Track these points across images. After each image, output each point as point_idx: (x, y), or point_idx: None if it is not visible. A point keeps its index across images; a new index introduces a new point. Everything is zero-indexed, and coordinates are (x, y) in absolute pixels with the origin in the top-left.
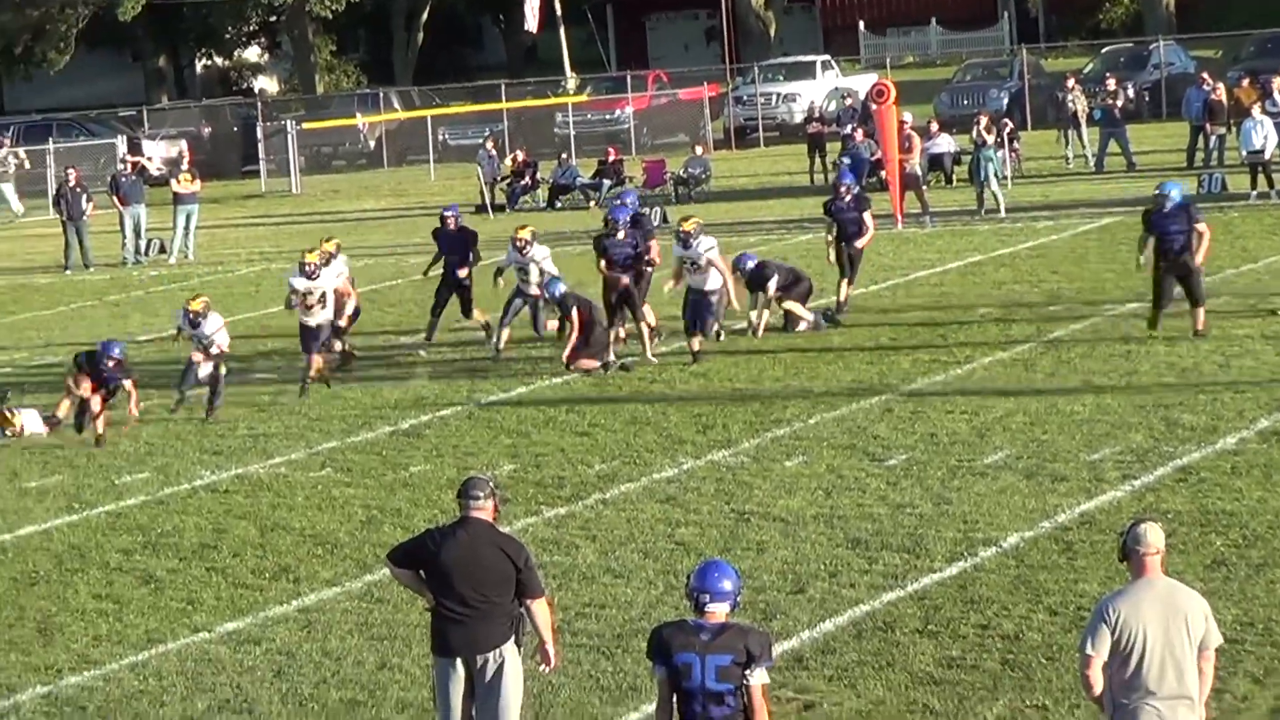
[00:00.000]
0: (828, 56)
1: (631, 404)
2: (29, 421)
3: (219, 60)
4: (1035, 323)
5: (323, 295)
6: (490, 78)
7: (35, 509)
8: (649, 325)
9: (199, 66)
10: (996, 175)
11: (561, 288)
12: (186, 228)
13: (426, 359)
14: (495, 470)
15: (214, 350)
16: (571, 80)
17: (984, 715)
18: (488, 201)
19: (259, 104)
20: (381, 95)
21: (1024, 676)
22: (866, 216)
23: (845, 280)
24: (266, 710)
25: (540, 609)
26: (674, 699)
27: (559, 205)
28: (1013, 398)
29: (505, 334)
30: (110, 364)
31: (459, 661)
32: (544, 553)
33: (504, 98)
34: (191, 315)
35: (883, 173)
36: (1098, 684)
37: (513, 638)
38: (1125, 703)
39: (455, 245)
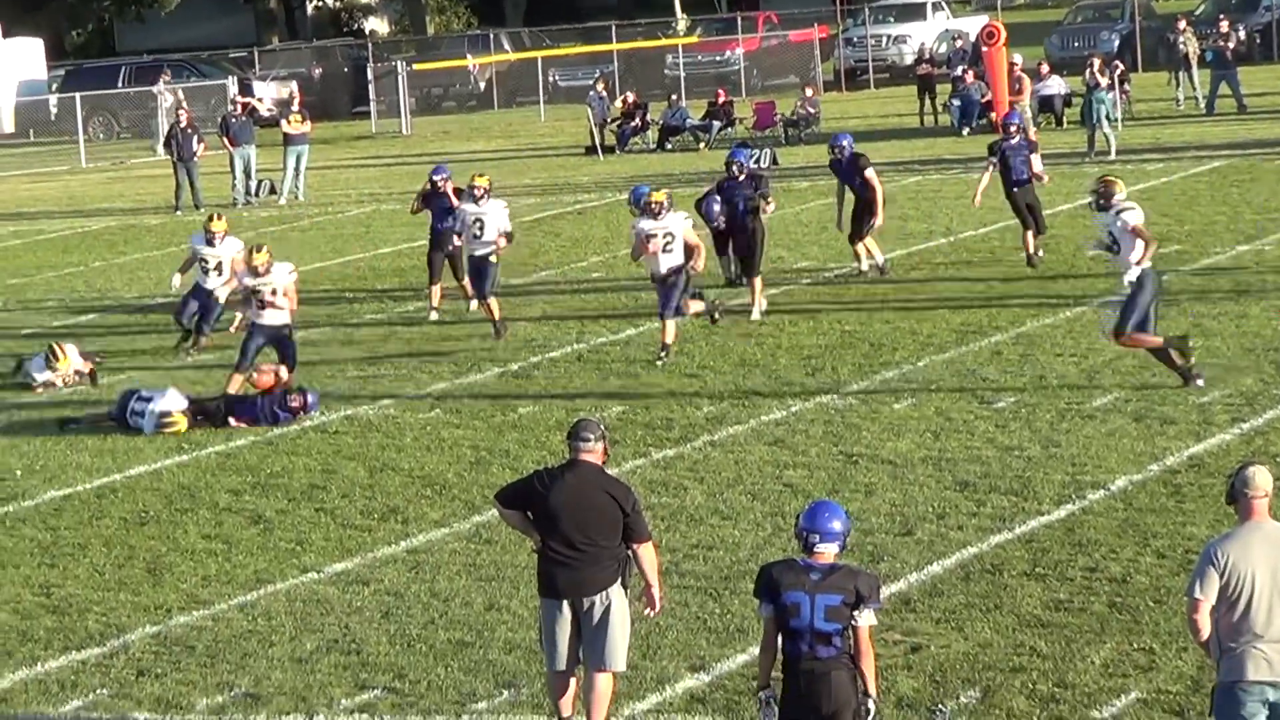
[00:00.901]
0: None
1: (740, 346)
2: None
3: (330, 1)
4: None
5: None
6: (601, 19)
7: (146, 449)
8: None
9: (310, 7)
10: (1109, 117)
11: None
12: (297, 169)
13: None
14: (604, 412)
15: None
16: (682, 22)
17: (1091, 658)
18: (598, 143)
19: (369, 45)
20: (492, 36)
21: (1131, 620)
22: (1036, 159)
23: (1030, 231)
24: (374, 651)
25: (647, 553)
26: (779, 638)
27: (669, 147)
28: None
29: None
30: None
31: (565, 603)
32: (652, 494)
33: (614, 39)
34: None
35: (992, 115)
36: (1205, 628)
37: (619, 580)
38: (1233, 646)
39: (448, 210)
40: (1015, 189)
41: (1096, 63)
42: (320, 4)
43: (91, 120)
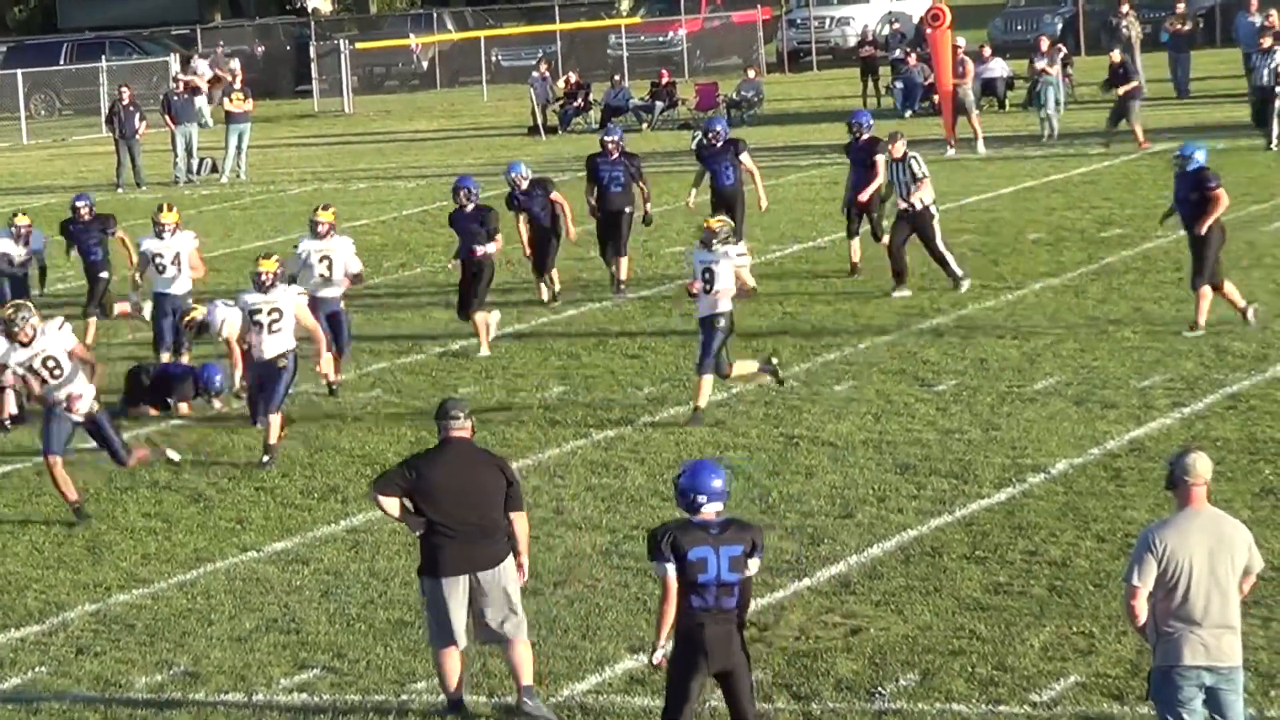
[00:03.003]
0: None
1: (681, 327)
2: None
3: None
4: (1086, 249)
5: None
6: None
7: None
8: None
9: None
10: (1057, 100)
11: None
12: (239, 147)
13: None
14: (544, 393)
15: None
16: (625, 2)
17: (1030, 641)
18: (540, 123)
19: (312, 23)
20: (435, 16)
21: (1071, 603)
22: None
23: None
24: (314, 630)
25: (522, 523)
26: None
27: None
28: (1063, 324)
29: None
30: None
31: (460, 580)
32: (593, 475)
33: (558, 19)
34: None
35: (935, 97)
36: (1142, 614)
37: (511, 552)
38: (1169, 631)
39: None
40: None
41: (1045, 44)
42: None
43: (33, 97)
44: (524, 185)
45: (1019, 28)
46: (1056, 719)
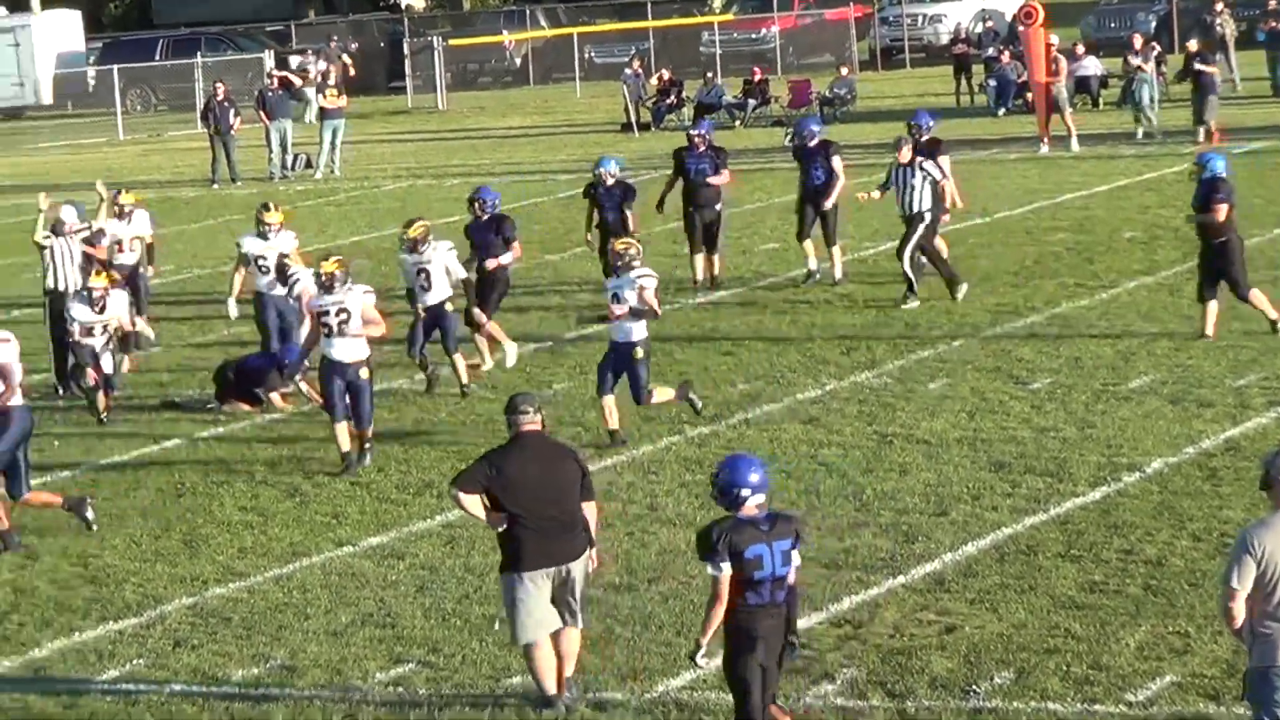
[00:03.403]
0: None
1: (775, 324)
2: None
3: None
4: (1181, 247)
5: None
6: None
7: (183, 421)
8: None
9: None
10: (1152, 98)
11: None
12: (333, 143)
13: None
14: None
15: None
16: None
17: (1126, 641)
18: (633, 120)
19: (406, 20)
20: (528, 12)
21: (1166, 602)
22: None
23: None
24: (409, 625)
25: (593, 511)
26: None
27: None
28: (1158, 322)
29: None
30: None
31: (547, 573)
32: (686, 472)
33: (650, 16)
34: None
35: (1029, 95)
36: (1240, 617)
37: (589, 544)
38: (1266, 632)
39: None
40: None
41: (1139, 42)
42: None
43: (129, 93)
44: (609, 182)
45: (1112, 25)
46: (1152, 719)
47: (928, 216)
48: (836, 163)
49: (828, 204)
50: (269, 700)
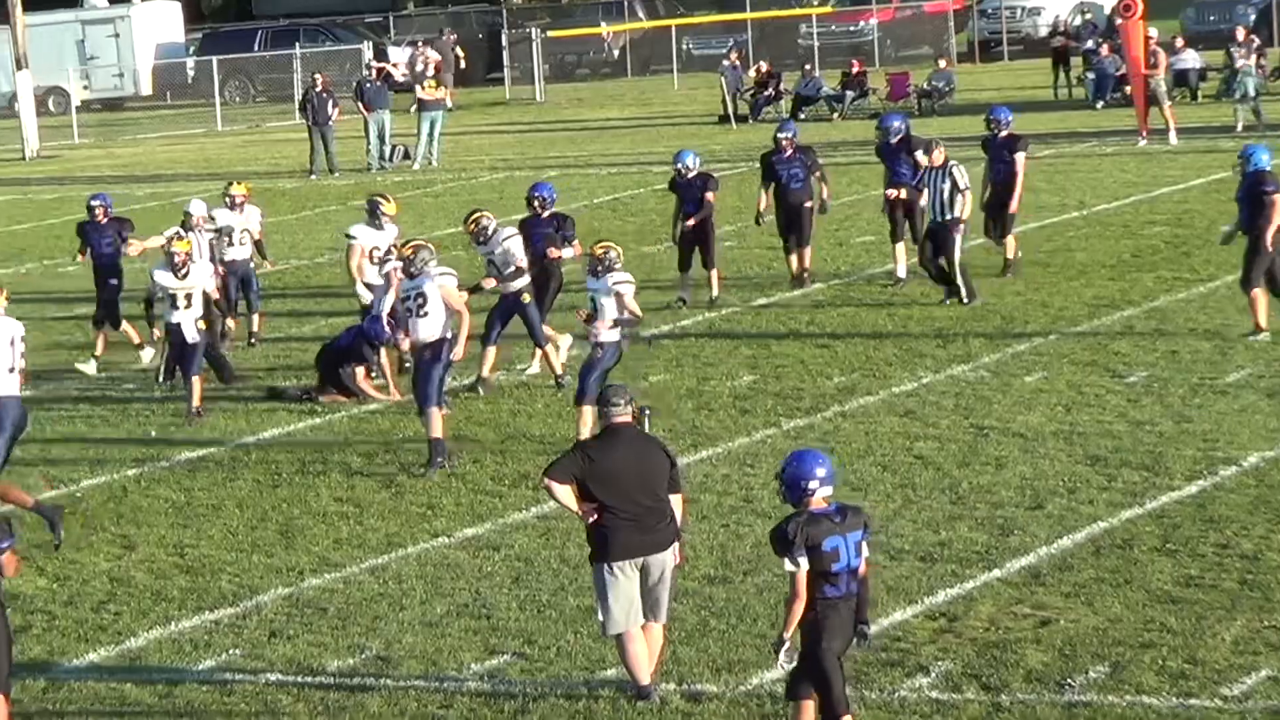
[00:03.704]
0: None
1: (872, 317)
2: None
3: None
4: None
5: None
6: None
7: (279, 411)
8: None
9: None
10: (1257, 91)
11: None
12: (431, 134)
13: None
14: (734, 381)
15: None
16: None
17: (1221, 635)
18: (731, 112)
19: (504, 11)
20: (627, 4)
21: (1263, 597)
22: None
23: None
24: (504, 616)
25: (680, 504)
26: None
27: (802, 116)
28: None
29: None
30: None
31: (635, 563)
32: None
33: (749, 8)
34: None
35: (1127, 88)
36: None
37: (677, 536)
38: None
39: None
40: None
41: (1241, 34)
42: None
43: (228, 84)
44: (688, 175)
45: (1211, 18)
46: (1248, 713)
47: (961, 223)
48: (921, 158)
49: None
50: (364, 691)
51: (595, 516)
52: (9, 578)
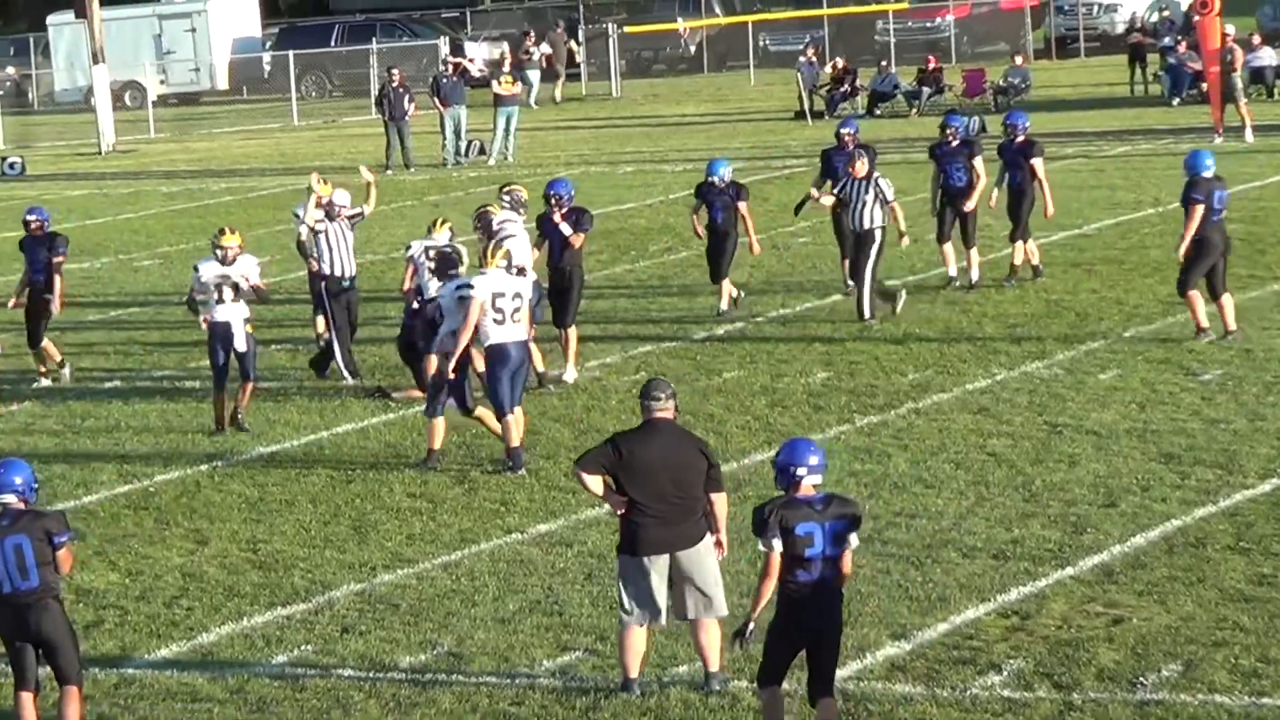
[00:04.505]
0: None
1: (946, 314)
2: None
3: None
4: None
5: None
6: None
7: (353, 407)
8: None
9: None
10: None
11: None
12: (507, 130)
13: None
14: (808, 378)
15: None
16: None
17: None
18: (807, 108)
19: (581, 7)
20: (703, 0)
21: None
22: (979, 163)
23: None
24: (577, 613)
25: (721, 503)
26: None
27: (878, 113)
28: None
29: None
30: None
31: (660, 559)
32: (855, 461)
33: (825, 4)
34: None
35: (1204, 85)
36: None
37: (709, 529)
38: None
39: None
40: (951, 198)
41: None
42: None
43: (304, 78)
44: (719, 186)
45: None
46: None
47: (879, 235)
48: (978, 163)
49: (968, 206)
50: (436, 686)
51: (624, 510)
52: (65, 575)
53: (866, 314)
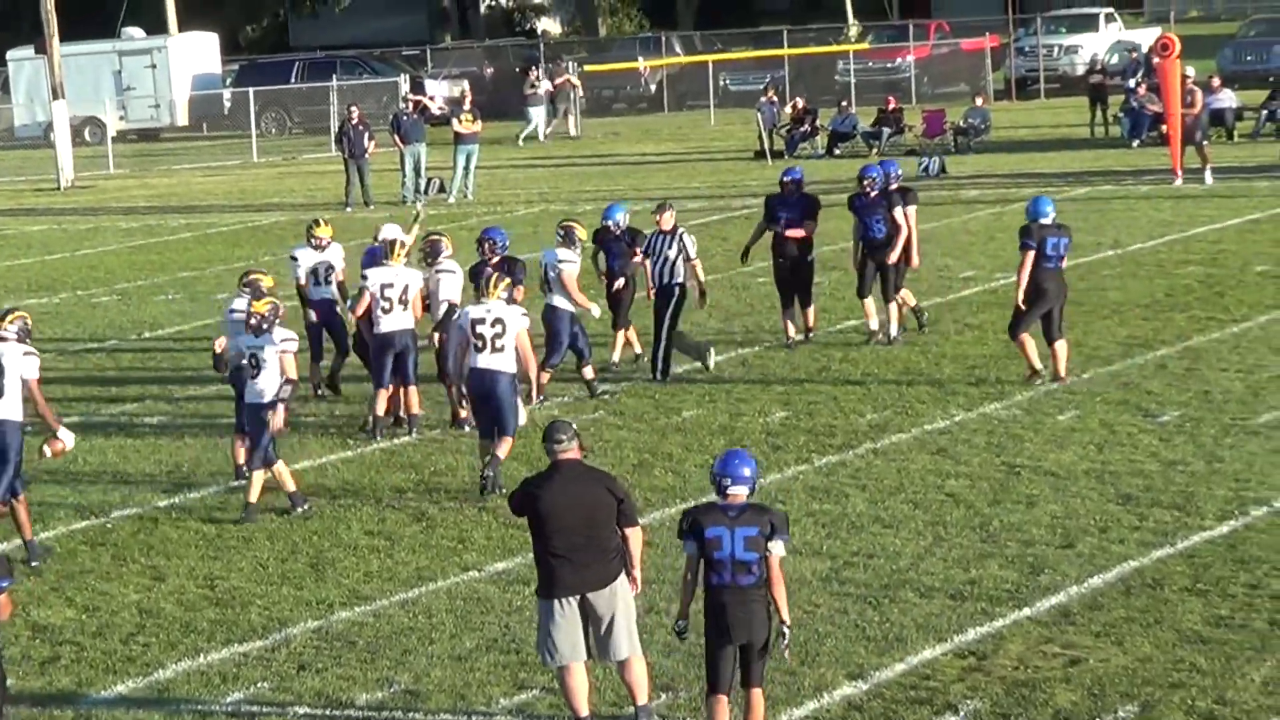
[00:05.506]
0: (1111, 9)
1: (904, 354)
2: None
3: (503, 1)
4: None
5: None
6: (773, 24)
7: (311, 444)
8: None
9: (483, 7)
10: None
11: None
12: (467, 168)
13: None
14: (767, 418)
15: None
16: (853, 28)
17: (1251, 676)
18: (767, 148)
19: (541, 45)
20: (664, 39)
21: None
22: (905, 211)
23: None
24: (534, 651)
25: (635, 537)
26: (700, 573)
27: (838, 153)
28: None
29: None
30: None
31: (573, 600)
32: (814, 501)
33: (786, 44)
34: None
35: (1164, 127)
36: None
37: (624, 570)
38: None
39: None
40: (871, 251)
41: None
42: (493, 3)
43: (264, 115)
44: (615, 231)
45: (1248, 58)
46: None
47: (677, 291)
48: (899, 214)
49: (891, 258)
50: None
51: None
52: (3, 621)
53: (660, 372)
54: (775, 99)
